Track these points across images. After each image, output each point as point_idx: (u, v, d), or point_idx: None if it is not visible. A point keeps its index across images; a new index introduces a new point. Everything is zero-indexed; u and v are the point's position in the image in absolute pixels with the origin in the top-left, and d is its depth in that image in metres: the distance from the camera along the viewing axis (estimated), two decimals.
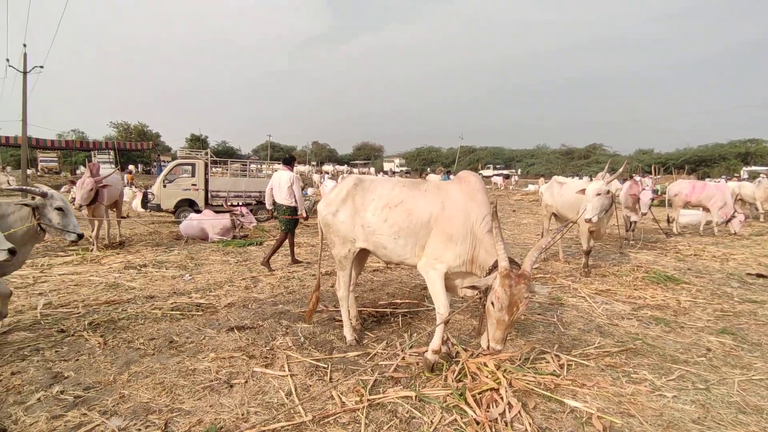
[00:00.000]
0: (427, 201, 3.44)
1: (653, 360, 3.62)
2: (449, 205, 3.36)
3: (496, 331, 2.86)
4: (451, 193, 3.43)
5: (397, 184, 3.72)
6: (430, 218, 3.38)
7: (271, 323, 4.32)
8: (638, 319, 4.63)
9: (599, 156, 51.86)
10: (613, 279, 6.26)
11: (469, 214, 3.29)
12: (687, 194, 11.07)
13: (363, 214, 3.62)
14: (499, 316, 2.81)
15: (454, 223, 3.28)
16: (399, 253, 3.52)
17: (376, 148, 79.44)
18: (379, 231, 3.54)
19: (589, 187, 6.06)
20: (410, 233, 3.43)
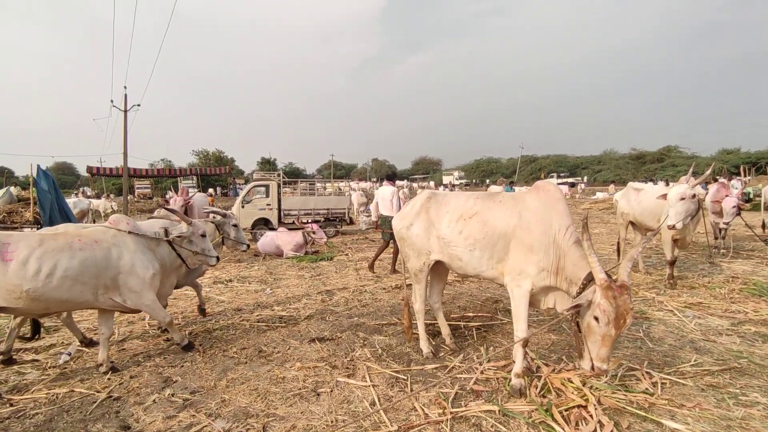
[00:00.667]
0: (503, 211, 3.35)
1: (765, 381, 3.24)
2: (527, 215, 3.24)
3: (601, 348, 2.70)
4: (528, 202, 3.31)
5: (471, 196, 3.70)
6: (507, 229, 3.28)
7: (349, 335, 4.44)
8: (740, 335, 4.18)
9: (675, 159, 47.78)
10: (704, 291, 5.71)
11: (551, 223, 3.15)
12: None
13: (438, 227, 3.64)
14: (605, 332, 2.65)
15: (534, 232, 3.15)
16: (474, 266, 3.46)
17: (434, 162, 79.42)
18: (454, 243, 3.52)
19: (671, 192, 5.63)
20: (486, 245, 3.36)
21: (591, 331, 2.73)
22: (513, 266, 3.23)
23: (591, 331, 2.73)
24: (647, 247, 7.17)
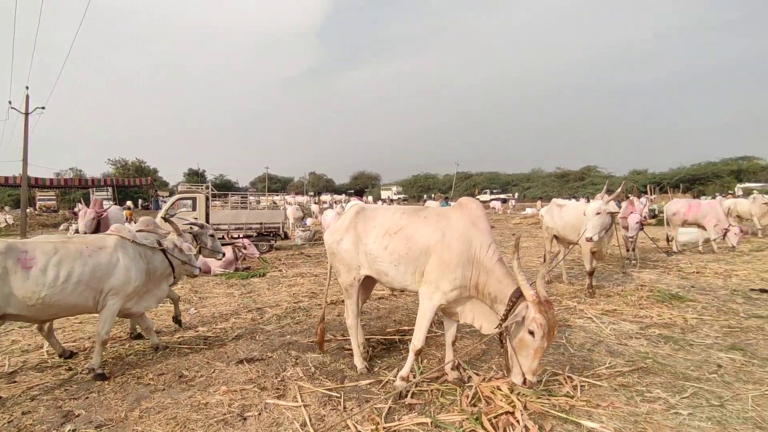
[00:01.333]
0: (427, 227, 3.43)
1: (665, 378, 3.63)
2: (449, 232, 3.32)
3: (533, 361, 2.82)
4: (451, 220, 3.40)
5: (398, 211, 3.75)
6: (429, 244, 3.35)
7: (281, 354, 4.31)
8: (647, 338, 4.64)
9: (594, 178, 52.47)
10: (618, 299, 6.28)
11: (471, 241, 3.26)
12: (684, 213, 11.26)
13: (365, 241, 3.67)
14: (539, 345, 2.78)
15: (454, 249, 3.24)
16: (400, 280, 3.53)
17: (372, 177, 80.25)
18: (380, 258, 3.57)
19: (588, 207, 6.20)
20: (410, 260, 3.42)
21: (524, 345, 2.84)
22: (429, 280, 3.31)
23: (524, 346, 2.84)
24: (565, 260, 7.75)
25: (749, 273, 8.03)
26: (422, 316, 3.32)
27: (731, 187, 35.43)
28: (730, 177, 42.52)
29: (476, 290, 3.23)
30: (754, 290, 6.67)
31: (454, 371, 3.46)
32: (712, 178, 43.54)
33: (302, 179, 77.52)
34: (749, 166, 44.42)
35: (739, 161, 45.77)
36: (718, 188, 37.85)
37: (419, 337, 3.34)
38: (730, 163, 45.73)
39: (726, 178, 42.35)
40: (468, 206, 3.49)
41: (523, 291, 2.89)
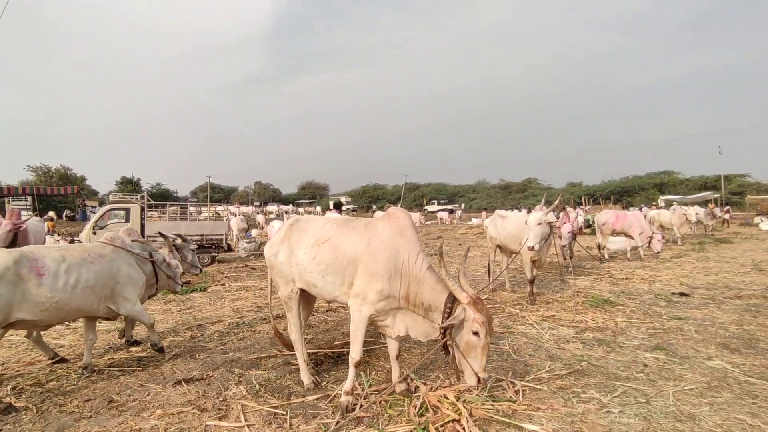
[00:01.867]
0: (354, 237, 3.42)
1: (599, 379, 3.88)
2: (375, 242, 3.31)
3: (482, 359, 2.94)
4: (378, 229, 3.40)
5: (330, 221, 3.77)
6: (355, 254, 3.34)
7: (223, 372, 4.14)
8: (582, 341, 4.95)
9: (534, 189, 55.47)
10: (557, 305, 6.65)
11: (399, 250, 3.26)
12: (612, 223, 12.21)
13: (297, 253, 3.65)
14: (484, 342, 2.92)
15: (380, 259, 3.23)
16: (329, 291, 3.52)
17: (321, 187, 79.62)
18: (308, 269, 3.55)
19: (530, 218, 6.54)
20: (337, 270, 3.41)
21: (471, 346, 2.95)
22: (357, 291, 3.30)
23: (471, 347, 2.95)
24: (508, 269, 8.12)
25: (671, 278, 8.82)
26: (355, 328, 3.32)
27: (655, 198, 38.81)
28: (653, 189, 46.69)
29: (406, 301, 3.24)
30: (675, 294, 7.33)
31: (402, 383, 3.50)
32: (639, 191, 47.59)
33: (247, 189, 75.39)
34: (670, 180, 49.08)
35: (661, 175, 50.44)
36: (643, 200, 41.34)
37: (356, 349, 3.34)
38: (653, 176, 50.28)
39: (650, 191, 46.44)
40: (395, 216, 3.49)
41: (456, 295, 3.00)
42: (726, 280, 8.58)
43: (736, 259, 11.65)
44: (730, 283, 8.26)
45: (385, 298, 3.21)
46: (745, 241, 16.67)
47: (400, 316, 3.33)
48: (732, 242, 16.25)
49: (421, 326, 3.28)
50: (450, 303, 3.05)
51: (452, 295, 3.05)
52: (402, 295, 3.23)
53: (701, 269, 10.04)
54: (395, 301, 3.25)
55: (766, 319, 5.73)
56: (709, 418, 3.16)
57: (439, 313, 3.12)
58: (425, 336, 3.29)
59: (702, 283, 8.38)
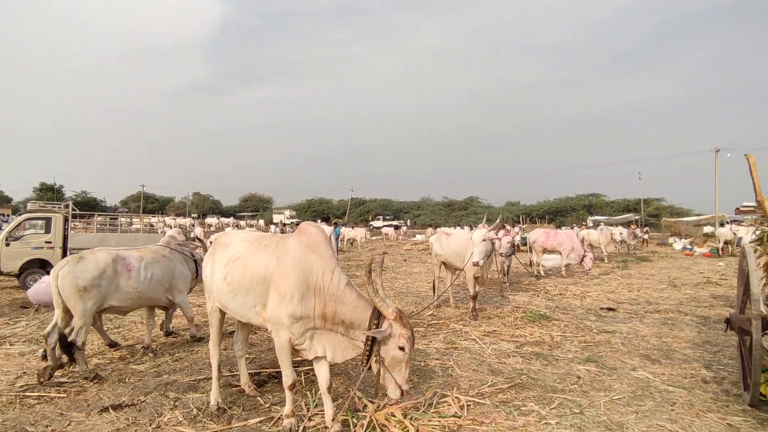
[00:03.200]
0: (264, 255, 3.26)
1: (537, 392, 4.07)
2: (285, 260, 3.15)
3: (405, 372, 2.98)
4: (288, 246, 3.23)
5: (246, 238, 3.59)
6: (265, 273, 3.18)
7: (156, 397, 3.87)
8: (522, 355, 5.18)
9: (476, 207, 57.66)
10: (498, 320, 6.91)
11: (312, 268, 3.12)
12: (543, 241, 12.95)
13: (215, 270, 3.55)
14: (409, 357, 2.98)
15: (290, 278, 3.08)
16: (240, 313, 3.39)
17: (264, 200, 77.44)
18: (219, 288, 3.44)
19: (475, 234, 6.80)
20: (246, 290, 3.26)
21: (397, 361, 2.98)
22: (271, 314, 3.15)
23: (397, 361, 2.98)
24: (453, 285, 8.36)
25: (599, 294, 9.49)
26: (279, 353, 3.20)
27: (584, 219, 41.74)
28: (583, 210, 50.23)
29: (323, 320, 3.12)
30: (603, 309, 7.89)
31: (336, 423, 3.22)
32: (570, 211, 50.97)
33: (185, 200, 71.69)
34: (597, 202, 53.11)
35: (589, 197, 54.43)
36: (575, 220, 44.28)
37: (286, 373, 3.22)
38: (583, 198, 54.15)
39: (580, 212, 49.91)
40: (306, 231, 3.33)
41: (382, 311, 2.99)
42: (646, 296, 9.39)
43: (654, 276, 12.79)
44: (649, 299, 9.04)
45: (299, 319, 3.06)
46: (662, 260, 18.35)
47: (317, 336, 3.18)
48: (651, 260, 17.82)
49: (340, 345, 3.17)
50: (376, 319, 3.03)
51: (377, 311, 3.03)
52: (318, 315, 3.10)
53: (625, 285, 10.90)
54: (311, 322, 3.11)
55: (680, 332, 6.32)
56: (635, 425, 3.41)
57: (362, 330, 3.07)
58: (344, 356, 3.20)
59: (626, 298, 9.10)
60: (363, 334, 3.06)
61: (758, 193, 3.42)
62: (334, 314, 3.09)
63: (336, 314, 3.08)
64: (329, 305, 3.08)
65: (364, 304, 3.09)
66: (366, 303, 3.10)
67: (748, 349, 3.70)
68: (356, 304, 3.09)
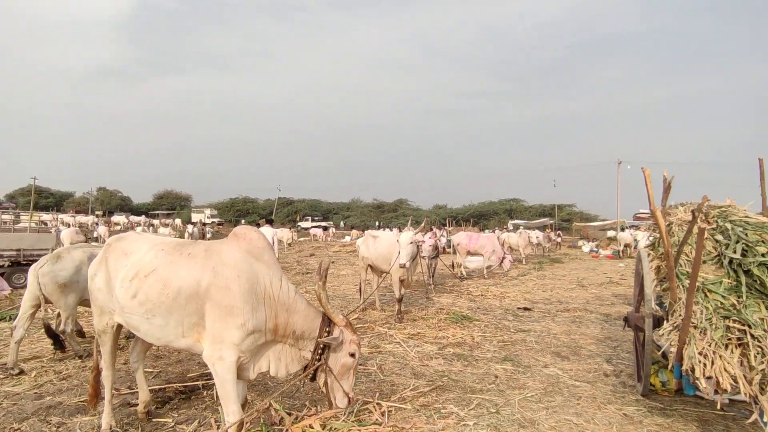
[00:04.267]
0: (192, 267, 2.86)
1: (457, 393, 4.17)
2: (225, 271, 2.83)
3: (352, 379, 3.01)
4: (225, 255, 2.91)
5: (156, 245, 3.08)
6: (198, 289, 2.81)
7: (34, 423, 3.39)
8: (444, 357, 5.30)
9: (405, 210, 58.95)
10: (422, 322, 7.04)
11: (257, 277, 2.89)
12: (466, 244, 13.54)
13: (114, 284, 3.00)
14: (356, 363, 3.00)
15: (234, 290, 2.78)
16: (158, 336, 2.92)
17: (182, 197, 72.69)
18: (128, 308, 2.91)
19: (402, 237, 6.88)
20: (169, 310, 2.83)
21: (347, 368, 3.00)
22: (211, 334, 2.80)
23: (347, 368, 3.00)
24: (379, 288, 8.39)
25: (517, 294, 10.07)
26: (222, 384, 2.77)
27: (505, 222, 44.43)
28: (504, 214, 53.48)
29: (274, 333, 2.94)
30: (520, 309, 8.38)
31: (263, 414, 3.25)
32: (493, 215, 54.07)
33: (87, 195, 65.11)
34: (517, 207, 56.85)
35: (510, 202, 58.06)
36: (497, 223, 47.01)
37: (233, 409, 2.78)
38: (504, 203, 57.69)
39: (502, 215, 53.11)
40: (246, 237, 3.05)
41: (332, 318, 2.99)
42: (558, 296, 10.14)
43: (565, 277, 13.88)
44: (561, 298, 9.78)
45: (250, 334, 2.80)
46: (572, 261, 20.03)
47: (263, 351, 2.99)
48: (563, 262, 19.37)
49: (287, 357, 3.05)
50: (327, 326, 3.00)
51: (327, 318, 3.01)
52: (270, 328, 2.90)
53: (540, 286, 11.69)
54: (262, 336, 2.89)
55: (587, 329, 6.87)
56: (545, 421, 3.61)
57: (311, 339, 3.00)
58: (289, 370, 3.08)
59: (541, 298, 9.76)
60: (311, 343, 3.00)
61: (651, 203, 3.80)
62: (285, 325, 2.94)
63: (288, 324, 2.94)
64: (281, 315, 2.91)
65: (314, 312, 3.03)
66: (316, 311, 3.04)
67: (641, 344, 4.09)
68: (307, 312, 3.00)
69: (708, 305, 3.41)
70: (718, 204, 4.45)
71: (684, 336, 3.22)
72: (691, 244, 3.77)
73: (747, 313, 3.23)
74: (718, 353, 3.07)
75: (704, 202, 3.94)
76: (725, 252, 3.72)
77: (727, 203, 4.44)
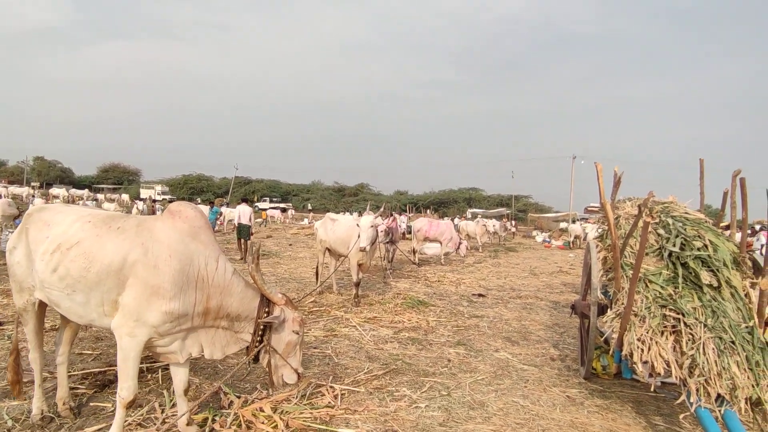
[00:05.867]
0: (120, 242, 2.69)
1: (411, 376, 4.25)
2: (156, 248, 2.69)
3: (300, 355, 3.03)
4: (158, 232, 2.76)
5: (83, 217, 2.88)
6: (123, 265, 2.65)
7: None
8: (399, 341, 5.38)
9: (366, 194, 58.88)
10: (379, 306, 7.10)
11: (191, 258, 2.74)
12: (426, 230, 13.72)
13: (34, 257, 2.81)
14: (301, 338, 3.01)
15: (164, 271, 2.64)
16: (80, 314, 2.76)
17: (130, 171, 69.06)
18: (48, 283, 2.73)
19: (362, 221, 6.89)
20: (91, 286, 2.66)
21: (292, 345, 2.98)
22: (129, 310, 2.64)
23: (292, 346, 2.98)
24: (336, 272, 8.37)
25: (472, 281, 10.35)
26: (125, 359, 2.64)
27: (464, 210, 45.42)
28: (463, 203, 54.64)
29: (205, 316, 2.81)
30: (474, 295, 8.62)
31: (191, 426, 3.00)
32: (452, 203, 55.09)
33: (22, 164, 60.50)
34: (476, 196, 58.24)
35: (469, 191, 59.33)
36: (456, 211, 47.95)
37: (128, 385, 2.66)
38: (464, 192, 58.88)
39: (461, 204, 54.22)
40: (182, 214, 2.89)
41: (270, 298, 2.94)
42: (511, 283, 10.52)
43: (519, 265, 14.41)
44: (514, 286, 10.15)
45: (175, 318, 2.66)
46: (526, 251, 20.81)
47: (193, 335, 2.84)
48: (517, 251, 20.09)
49: (221, 341, 2.92)
50: (266, 306, 2.94)
51: (265, 298, 2.94)
52: (200, 311, 2.77)
53: (495, 273, 12.08)
54: (188, 320, 2.75)
55: (536, 315, 7.18)
56: (494, 403, 3.75)
57: (248, 321, 2.92)
58: (225, 352, 2.96)
59: (495, 285, 10.09)
60: (250, 324, 2.93)
61: (602, 197, 3.97)
62: (219, 308, 2.81)
63: (221, 308, 2.82)
64: (214, 298, 2.78)
65: (252, 293, 2.95)
66: (254, 291, 2.96)
67: (586, 330, 4.32)
68: (244, 294, 2.91)
69: (648, 294, 3.63)
70: (661, 200, 4.72)
71: (625, 323, 3.42)
72: (636, 237, 3.98)
73: (682, 303, 3.47)
74: (654, 339, 3.29)
75: (649, 197, 4.16)
76: (666, 245, 3.96)
77: (669, 200, 4.72)
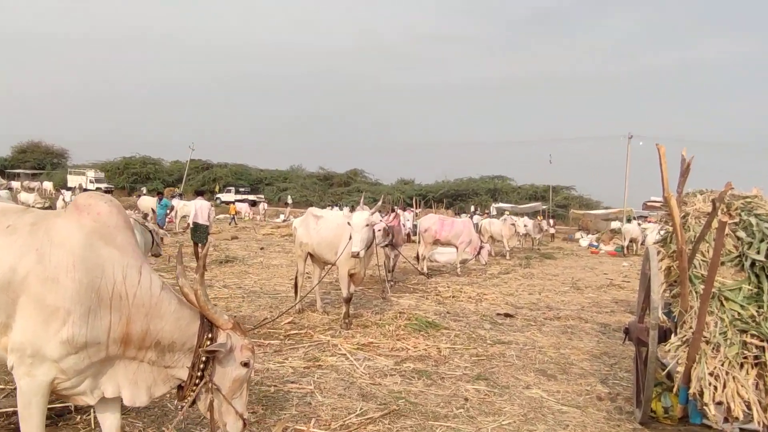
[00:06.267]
0: (9, 246, 2.58)
1: (416, 420, 4.28)
2: (55, 255, 2.56)
3: (245, 395, 2.95)
4: (59, 233, 2.65)
5: None
6: (12, 278, 2.51)
7: None
8: (401, 374, 5.41)
9: (360, 184, 58.93)
10: (376, 329, 7.13)
11: (104, 267, 2.64)
12: (437, 231, 13.45)
13: None
14: (250, 373, 2.97)
15: (65, 284, 2.52)
16: None
17: (54, 153, 68.99)
18: None
19: (354, 218, 6.83)
20: None
21: (239, 382, 2.88)
22: (21, 342, 2.51)
23: (239, 383, 2.88)
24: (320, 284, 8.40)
25: (497, 296, 10.41)
26: (25, 406, 2.55)
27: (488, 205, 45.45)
28: (487, 195, 54.58)
29: (125, 345, 2.70)
30: (500, 315, 8.67)
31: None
32: (473, 195, 55.04)
33: None
34: (503, 186, 58.22)
35: (495, 180, 59.33)
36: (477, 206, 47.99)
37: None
38: (487, 181, 58.89)
39: (484, 196, 54.17)
40: (92, 209, 2.77)
41: (214, 320, 2.84)
42: (547, 300, 10.58)
43: (557, 277, 14.46)
44: (551, 303, 10.20)
45: (81, 349, 2.54)
46: (567, 257, 20.89)
47: (109, 370, 2.75)
48: (555, 258, 20.16)
49: (146, 380, 2.81)
50: (208, 332, 2.82)
51: (207, 321, 2.85)
52: (116, 338, 2.66)
53: (526, 287, 12.14)
54: (100, 351, 2.64)
55: (579, 342, 7.22)
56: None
57: (184, 351, 2.82)
58: (152, 394, 2.86)
59: (526, 302, 10.14)
60: (186, 356, 2.80)
61: (666, 189, 3.98)
62: (144, 334, 2.69)
63: (148, 334, 2.70)
64: (137, 322, 2.66)
65: (189, 314, 2.84)
66: (192, 312, 2.85)
67: (643, 361, 4.33)
68: (179, 315, 2.79)
69: (724, 316, 3.64)
70: (743, 194, 4.70)
71: (694, 353, 3.44)
72: (708, 241, 3.99)
73: (767, 327, 3.48)
74: (731, 374, 3.30)
75: (727, 190, 4.17)
76: (748, 252, 3.97)
77: (753, 193, 4.71)
